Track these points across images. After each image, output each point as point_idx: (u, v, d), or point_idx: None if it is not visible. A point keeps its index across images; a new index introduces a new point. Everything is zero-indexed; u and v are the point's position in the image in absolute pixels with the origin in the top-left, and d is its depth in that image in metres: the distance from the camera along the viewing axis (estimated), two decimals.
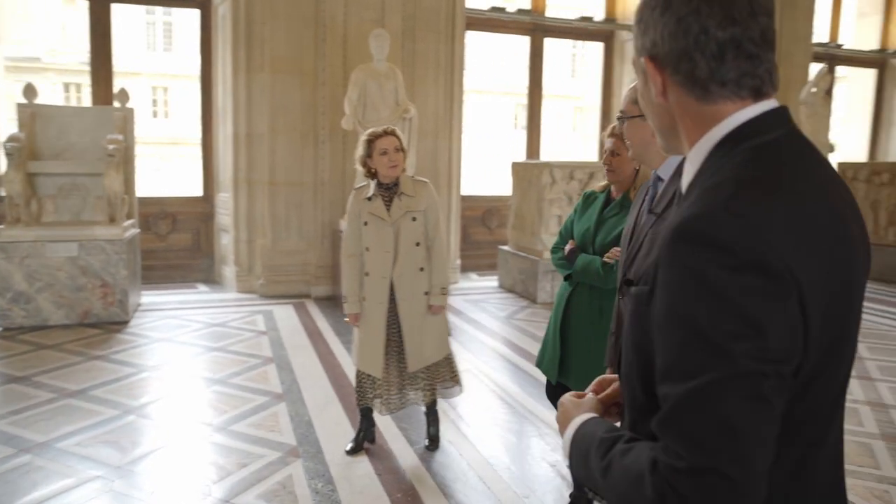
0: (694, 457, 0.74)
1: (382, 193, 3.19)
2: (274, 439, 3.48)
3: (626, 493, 0.82)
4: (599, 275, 2.54)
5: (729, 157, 0.85)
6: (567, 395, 1.10)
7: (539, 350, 2.87)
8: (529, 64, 9.09)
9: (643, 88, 0.97)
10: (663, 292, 0.80)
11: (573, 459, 0.97)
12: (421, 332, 3.25)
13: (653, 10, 0.90)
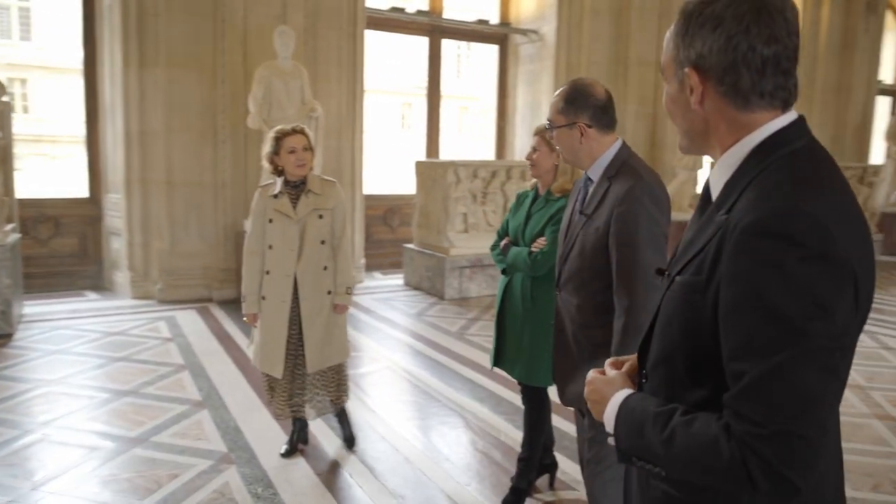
0: (776, 423, 0.86)
1: (289, 192, 3.16)
2: (202, 447, 3.38)
3: (698, 458, 0.92)
4: (527, 263, 2.72)
5: (769, 162, 0.98)
6: (593, 374, 1.19)
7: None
8: (428, 65, 9.22)
9: (676, 94, 1.07)
10: (735, 281, 0.91)
11: (621, 431, 1.06)
12: (322, 332, 3.20)
13: (702, 27, 1.00)
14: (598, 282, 1.99)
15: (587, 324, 2.05)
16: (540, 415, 2.93)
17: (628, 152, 2.05)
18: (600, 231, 1.97)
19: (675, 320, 1.04)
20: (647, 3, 9.22)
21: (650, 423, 1.00)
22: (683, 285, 1.03)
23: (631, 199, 1.90)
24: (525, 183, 7.64)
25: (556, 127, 2.06)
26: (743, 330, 0.90)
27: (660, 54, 5.33)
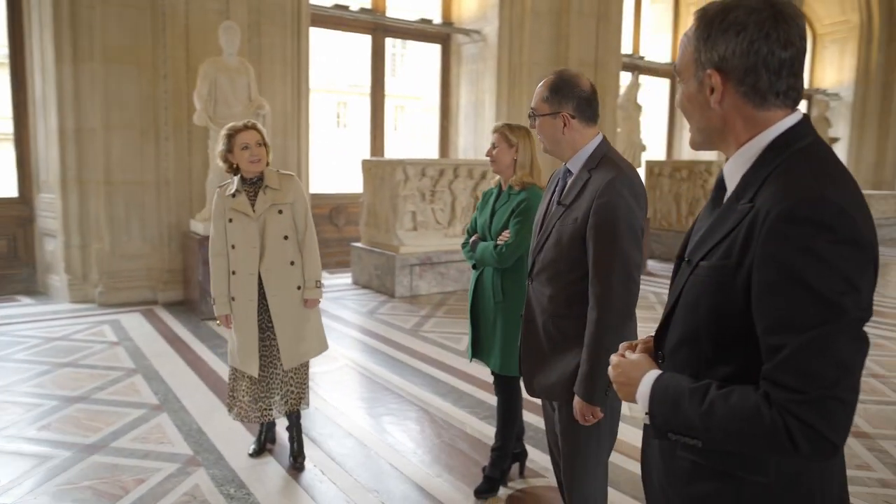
0: (817, 390, 0.95)
1: (247, 189, 3.10)
2: (166, 451, 3.31)
3: (739, 427, 1.01)
4: (493, 257, 2.79)
5: (785, 156, 1.07)
6: (617, 358, 1.26)
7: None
8: (371, 63, 9.22)
9: (695, 93, 1.15)
10: (770, 264, 0.99)
11: (656, 409, 1.13)
12: (295, 328, 3.16)
13: (725, 32, 1.08)
14: (572, 273, 1.98)
15: (559, 314, 2.03)
16: (513, 405, 2.98)
17: (608, 146, 2.05)
18: (578, 222, 1.95)
19: (703, 302, 1.11)
20: (584, 6, 9.49)
21: (686, 399, 1.07)
22: (711, 269, 1.10)
23: (611, 191, 1.90)
24: (474, 181, 7.76)
25: (540, 115, 2.04)
26: (780, 308, 0.99)
27: (598, 55, 5.71)
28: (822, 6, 14.52)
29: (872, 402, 4.18)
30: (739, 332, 1.06)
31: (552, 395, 2.08)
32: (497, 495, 2.97)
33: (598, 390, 1.89)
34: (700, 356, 1.13)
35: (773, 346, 1.00)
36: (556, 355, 2.03)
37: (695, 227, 1.28)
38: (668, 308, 1.22)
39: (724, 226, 1.10)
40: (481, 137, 9.44)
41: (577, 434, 2.02)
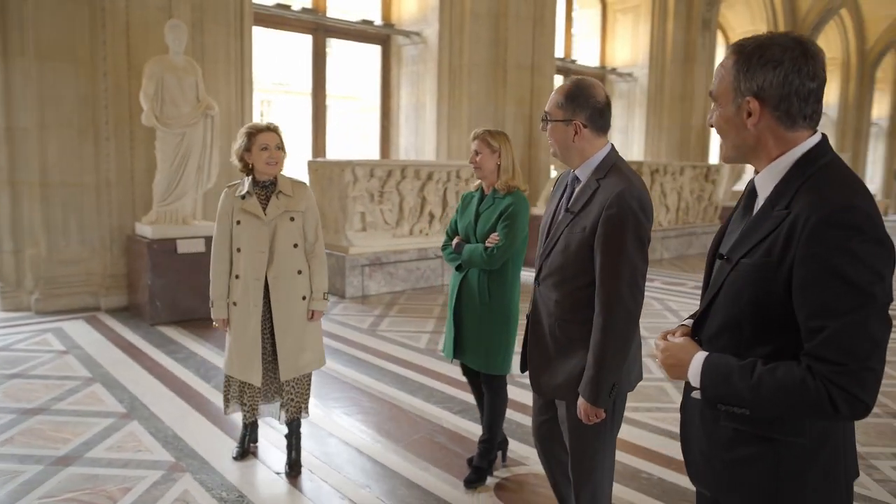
0: (854, 362, 1.15)
1: (258, 192, 3.03)
2: (146, 458, 3.25)
3: (787, 396, 1.20)
4: (483, 258, 2.87)
5: (813, 170, 1.26)
6: (661, 342, 1.42)
7: (444, 339, 3.19)
8: (312, 64, 9.14)
9: (732, 116, 1.33)
10: (812, 261, 1.19)
11: (707, 383, 1.30)
12: (297, 338, 3.09)
13: (763, 66, 1.27)
14: (579, 279, 2.02)
15: (565, 318, 2.08)
16: (501, 399, 3.10)
17: (616, 156, 2.09)
18: (587, 231, 1.99)
19: (746, 294, 1.29)
20: (522, 10, 9.76)
21: (736, 374, 1.25)
22: (753, 266, 1.28)
23: (621, 202, 1.93)
24: (421, 182, 7.85)
25: (553, 120, 2.07)
26: (822, 296, 1.18)
27: (534, 58, 6.12)
28: (734, 16, 15.46)
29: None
30: (777, 319, 1.25)
31: (559, 395, 2.14)
32: (485, 484, 3.09)
33: (603, 393, 1.96)
34: (741, 339, 1.31)
35: (815, 328, 1.19)
36: (562, 357, 2.09)
37: (727, 228, 1.45)
38: (708, 300, 1.38)
39: (761, 228, 1.29)
40: (423, 138, 9.55)
41: (587, 431, 2.08)
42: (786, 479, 1.29)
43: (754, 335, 1.29)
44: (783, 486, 1.29)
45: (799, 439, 1.28)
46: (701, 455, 1.42)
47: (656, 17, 12.61)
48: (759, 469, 1.32)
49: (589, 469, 2.13)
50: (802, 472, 1.29)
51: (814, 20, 15.81)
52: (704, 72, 13.40)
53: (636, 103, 13.04)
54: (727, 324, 1.34)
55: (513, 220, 2.85)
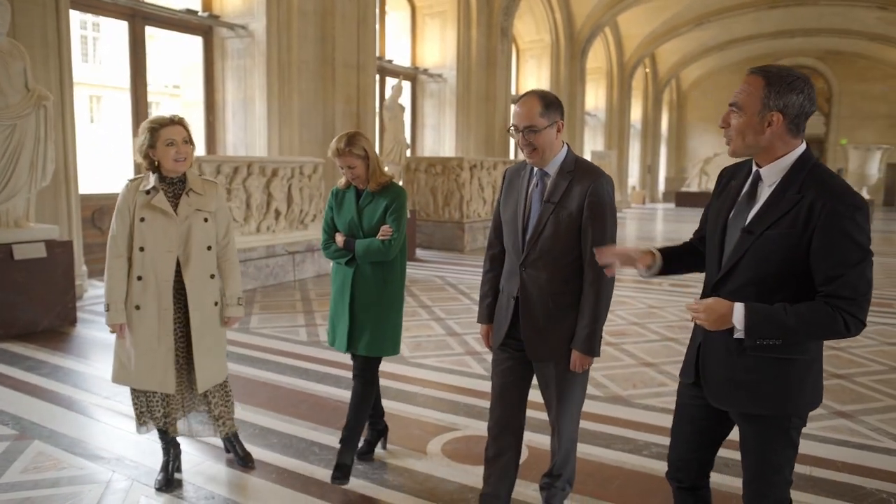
0: (860, 296, 1.69)
1: (165, 188, 2.84)
2: (76, 474, 3.03)
3: (816, 324, 1.69)
4: (381, 250, 2.94)
5: (808, 168, 1.76)
6: (695, 304, 1.83)
7: (328, 331, 3.16)
8: (130, 53, 8.50)
9: (756, 123, 1.76)
10: (832, 230, 1.67)
11: (752, 323, 1.72)
12: (209, 346, 2.93)
13: (790, 90, 1.72)
14: (567, 256, 2.37)
15: (557, 291, 2.39)
16: (374, 389, 3.13)
17: (573, 153, 2.44)
18: (573, 215, 2.33)
19: (773, 257, 1.75)
20: (347, 10, 9.97)
21: (779, 315, 1.71)
22: (780, 235, 1.74)
23: (600, 189, 2.33)
24: (266, 178, 7.69)
25: (540, 129, 2.32)
26: (839, 253, 1.69)
27: (360, 57, 6.93)
28: (523, 26, 17.07)
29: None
30: (796, 273, 1.75)
31: (552, 356, 2.44)
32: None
33: (597, 345, 2.39)
34: (764, 290, 1.78)
35: (835, 275, 1.69)
36: (553, 324, 2.41)
37: (732, 208, 1.90)
38: (732, 264, 1.83)
39: (778, 208, 1.76)
40: (253, 134, 9.34)
41: (572, 383, 2.47)
42: (796, 383, 1.80)
43: (778, 286, 1.76)
44: (793, 389, 1.80)
45: (804, 356, 1.80)
46: (727, 381, 1.86)
47: (461, 24, 13.55)
48: (780, 381, 1.80)
49: (570, 412, 2.50)
50: (802, 379, 1.81)
51: (587, 34, 18.03)
52: (504, 75, 14.70)
53: (446, 103, 13.88)
54: (754, 280, 1.78)
55: (400, 212, 2.98)
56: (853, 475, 3.14)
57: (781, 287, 1.77)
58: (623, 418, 3.81)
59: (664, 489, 2.96)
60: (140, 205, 2.80)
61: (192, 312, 2.85)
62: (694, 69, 28.34)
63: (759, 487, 1.89)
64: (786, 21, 22.17)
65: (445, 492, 2.93)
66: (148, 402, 2.95)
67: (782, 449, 1.85)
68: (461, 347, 5.26)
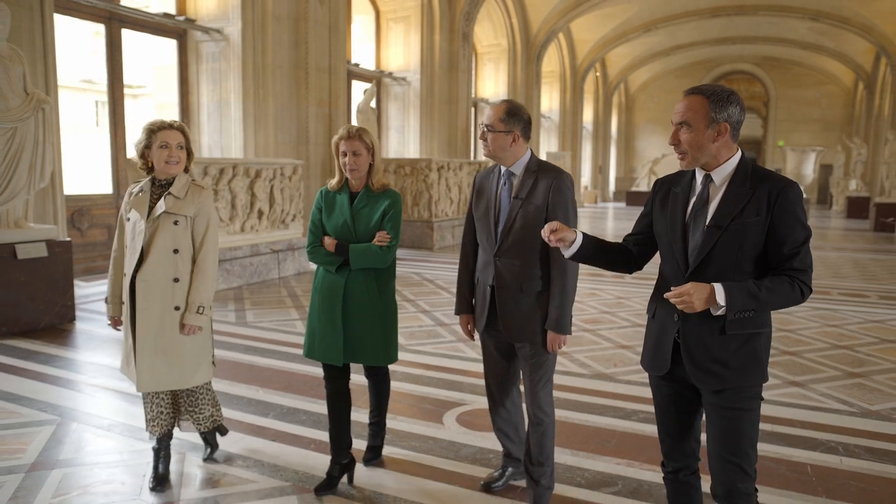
0: (809, 268, 1.97)
1: (153, 191, 2.92)
2: (129, 449, 3.30)
3: (783, 294, 1.95)
4: (379, 256, 2.85)
5: (749, 168, 2.02)
6: (676, 290, 1.96)
7: (305, 342, 3.02)
8: (107, 56, 8.59)
9: (709, 134, 1.99)
10: (787, 215, 1.95)
11: (735, 298, 1.92)
12: (161, 350, 2.89)
13: (730, 104, 1.98)
14: (536, 245, 2.63)
15: (529, 276, 2.66)
16: (388, 384, 3.24)
17: (535, 156, 2.76)
18: (540, 208, 2.62)
19: (746, 243, 1.99)
20: (319, 16, 10.24)
21: (752, 288, 1.94)
22: (747, 224, 1.98)
23: (562, 184, 2.63)
24: (250, 179, 7.90)
25: (495, 131, 2.64)
26: (795, 234, 1.97)
27: (331, 62, 7.76)
28: (481, 31, 17.57)
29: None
30: (760, 254, 2.02)
31: (529, 337, 2.70)
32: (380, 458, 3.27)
33: (568, 323, 2.65)
34: (738, 273, 2.02)
35: (791, 253, 1.98)
36: (527, 308, 2.68)
37: (690, 209, 2.12)
38: (704, 255, 2.02)
39: (738, 201, 2.00)
40: (228, 136, 9.52)
41: (546, 360, 2.73)
42: (762, 354, 2.06)
43: (747, 266, 2.02)
44: (761, 358, 2.05)
45: (766, 329, 2.07)
46: (710, 362, 2.04)
47: (425, 28, 13.94)
48: (752, 353, 2.04)
49: (544, 385, 2.75)
50: (767, 348, 2.08)
51: (542, 39, 18.67)
52: (466, 79, 15.16)
53: (410, 105, 14.25)
54: (728, 265, 2.01)
55: (397, 219, 2.90)
56: (808, 430, 3.68)
57: (752, 267, 2.02)
58: (610, 391, 4.28)
59: (654, 445, 3.47)
60: (128, 205, 2.95)
61: (139, 313, 2.85)
62: (641, 73, 29.47)
63: (732, 451, 2.04)
64: (726, 29, 23.37)
65: (468, 454, 3.33)
66: (155, 406, 3.04)
67: (756, 418, 2.07)
68: (452, 336, 5.66)
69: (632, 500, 2.90)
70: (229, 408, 3.84)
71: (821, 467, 3.21)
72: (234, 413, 3.80)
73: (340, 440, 3.00)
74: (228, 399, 3.99)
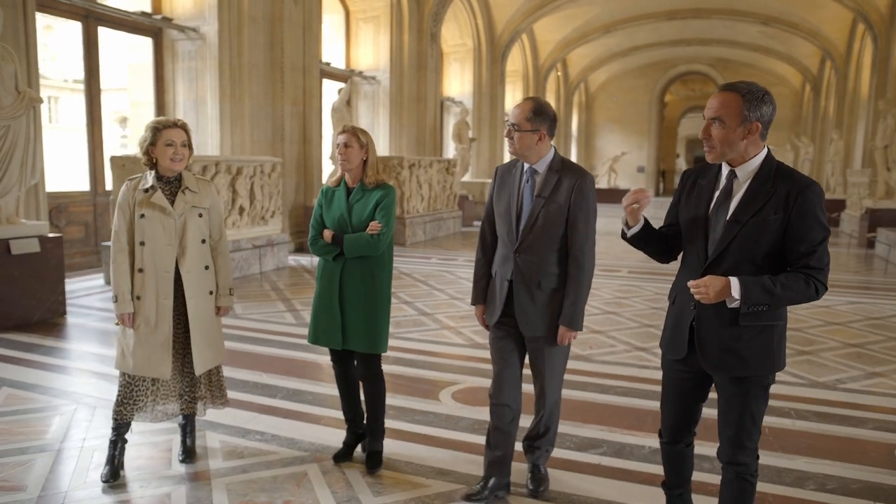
0: (825, 267, 2.01)
1: (162, 187, 3.03)
2: (155, 427, 3.53)
3: (797, 291, 1.99)
4: (371, 244, 3.01)
5: (773, 166, 2.07)
6: (695, 283, 2.04)
7: (309, 329, 3.20)
8: (84, 54, 8.65)
9: (740, 131, 2.02)
10: (807, 215, 1.98)
11: (747, 293, 1.97)
12: (206, 332, 3.12)
13: (763, 103, 2.01)
14: (556, 243, 2.69)
15: (547, 273, 2.71)
16: (382, 383, 3.23)
17: (559, 154, 2.78)
18: (562, 208, 2.66)
19: (762, 239, 2.03)
20: (294, 17, 10.43)
21: (767, 283, 1.99)
22: (766, 220, 2.01)
23: (585, 187, 2.67)
24: (231, 176, 8.06)
25: (523, 130, 2.66)
26: (812, 234, 2.00)
27: (306, 61, 8.18)
28: (447, 31, 17.87)
29: None
30: (776, 250, 2.06)
31: (542, 331, 2.74)
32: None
33: (580, 320, 2.72)
34: (753, 267, 2.07)
35: (808, 251, 2.01)
36: (543, 303, 2.73)
37: (712, 203, 2.16)
38: (722, 248, 2.09)
39: (758, 199, 2.04)
40: (205, 134, 9.65)
41: (560, 353, 2.82)
42: (776, 346, 2.11)
43: (764, 262, 2.06)
44: (774, 351, 2.11)
45: (780, 322, 2.12)
46: (722, 351, 2.11)
47: (394, 28, 14.20)
48: (764, 345, 2.10)
49: (557, 378, 2.87)
50: (781, 340, 2.12)
51: (506, 39, 19.11)
52: (434, 78, 15.49)
53: (380, 104, 14.50)
54: (744, 258, 2.06)
55: (389, 209, 3.06)
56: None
57: (767, 262, 2.07)
58: (588, 370, 4.67)
59: (632, 414, 3.89)
60: (139, 202, 2.99)
61: (189, 301, 3.04)
62: (601, 73, 30.22)
63: (739, 437, 2.16)
64: (682, 31, 24.23)
65: (465, 425, 3.66)
66: (132, 392, 3.07)
67: (762, 403, 2.16)
68: (436, 324, 5.99)
69: (617, 458, 3.28)
70: (239, 391, 4.11)
71: (777, 428, 3.64)
72: (244, 395, 4.07)
73: (353, 413, 3.30)
74: (236, 384, 4.24)
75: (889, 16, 15.71)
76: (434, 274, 8.88)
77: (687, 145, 43.89)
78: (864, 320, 6.45)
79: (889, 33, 15.61)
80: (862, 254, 11.37)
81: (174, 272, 3.01)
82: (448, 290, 7.72)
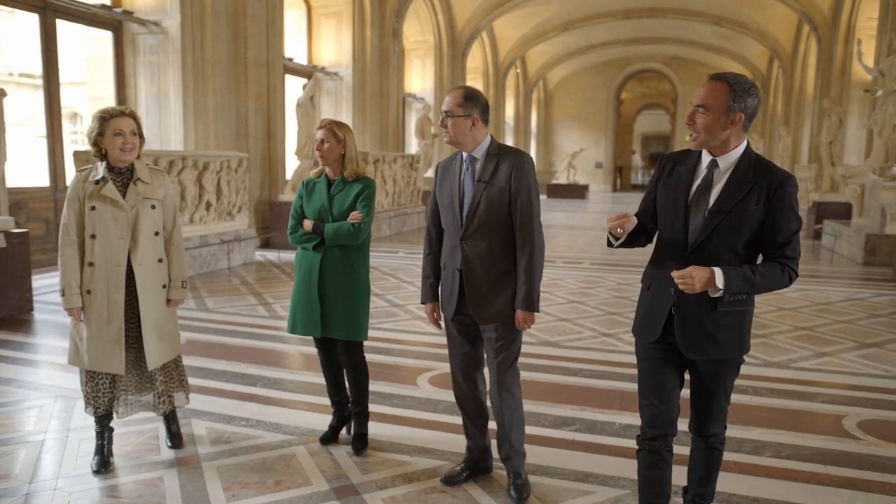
0: (798, 256, 2.10)
1: (114, 178, 2.95)
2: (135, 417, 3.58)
3: (775, 279, 2.08)
4: (351, 233, 3.07)
5: (752, 157, 2.13)
6: (679, 273, 2.08)
7: (289, 319, 3.29)
8: (42, 47, 8.48)
9: (723, 118, 2.06)
10: (782, 206, 2.06)
11: (730, 283, 2.04)
12: (159, 326, 3.06)
13: (748, 94, 2.05)
14: (501, 226, 2.68)
15: (494, 258, 2.69)
16: (366, 370, 3.32)
17: (495, 140, 2.76)
18: (503, 190, 2.64)
19: (744, 228, 2.09)
20: (257, 11, 10.40)
21: (748, 273, 2.07)
22: (747, 210, 2.08)
23: (523, 166, 2.66)
24: (198, 171, 8.05)
25: (455, 116, 2.66)
26: (788, 224, 2.09)
27: (269, 57, 8.32)
28: (408, 27, 17.96)
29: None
30: (756, 239, 2.14)
31: (498, 319, 2.72)
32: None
33: (536, 301, 2.68)
34: (733, 255, 2.14)
35: (784, 241, 2.10)
36: (496, 290, 2.71)
37: (694, 192, 2.17)
38: (705, 237, 2.13)
39: (739, 189, 2.10)
40: (167, 129, 9.56)
41: (513, 341, 2.77)
42: (746, 329, 2.22)
43: (743, 250, 2.14)
44: (745, 333, 2.22)
45: (751, 307, 2.22)
46: (701, 335, 2.17)
47: (356, 24, 14.23)
48: (738, 329, 2.20)
49: (512, 366, 2.80)
50: (750, 323, 2.24)
51: (467, 36, 19.30)
52: (396, 74, 15.57)
53: (343, 100, 14.52)
54: (726, 247, 2.13)
55: (370, 200, 3.15)
56: None
57: (746, 251, 2.15)
58: (557, 355, 4.88)
59: (602, 395, 4.08)
60: (90, 194, 2.92)
61: (141, 296, 2.98)
62: (559, 70, 30.71)
63: (711, 409, 2.30)
64: (637, 30, 24.81)
65: (444, 407, 3.80)
66: (96, 386, 3.06)
67: (731, 377, 2.28)
68: (408, 315, 6.13)
69: (590, 434, 3.47)
70: (219, 380, 4.18)
71: (736, 404, 3.84)
72: (224, 385, 4.14)
73: (339, 397, 3.41)
74: (215, 374, 4.31)
75: (832, 18, 16.45)
76: (402, 267, 9.01)
77: (643, 142, 44.91)
78: (812, 306, 6.84)
79: (832, 35, 16.34)
80: (809, 244, 11.90)
81: (126, 265, 2.94)
82: (416, 282, 7.85)
